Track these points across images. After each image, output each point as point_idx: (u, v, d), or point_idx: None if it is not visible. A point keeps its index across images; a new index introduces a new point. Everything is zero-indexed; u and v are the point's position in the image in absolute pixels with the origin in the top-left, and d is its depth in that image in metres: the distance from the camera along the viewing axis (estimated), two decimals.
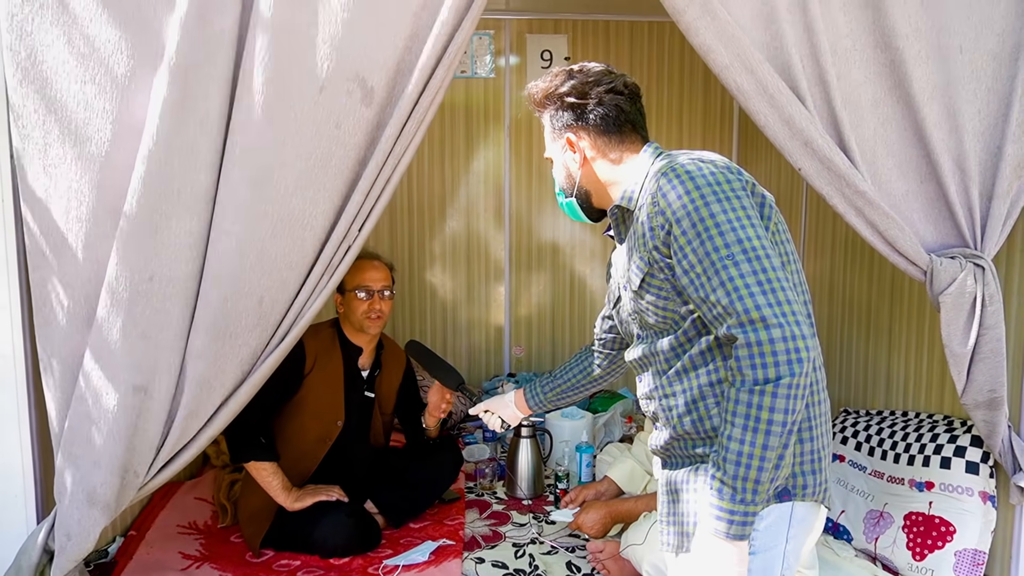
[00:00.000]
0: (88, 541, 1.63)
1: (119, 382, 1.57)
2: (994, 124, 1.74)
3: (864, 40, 1.70)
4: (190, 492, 2.69)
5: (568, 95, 1.39)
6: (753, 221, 1.19)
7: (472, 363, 3.93)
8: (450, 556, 2.25)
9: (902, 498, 2.21)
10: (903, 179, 1.77)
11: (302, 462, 2.37)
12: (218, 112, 1.54)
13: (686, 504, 1.29)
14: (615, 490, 2.43)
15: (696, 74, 3.86)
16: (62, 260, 1.57)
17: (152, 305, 1.57)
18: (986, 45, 1.70)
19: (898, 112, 1.75)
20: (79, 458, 1.60)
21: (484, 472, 2.86)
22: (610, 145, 1.40)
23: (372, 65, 1.59)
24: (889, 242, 1.75)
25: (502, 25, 3.74)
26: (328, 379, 2.38)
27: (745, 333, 1.13)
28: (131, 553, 2.22)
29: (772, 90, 1.65)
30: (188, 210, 1.55)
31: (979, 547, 2.03)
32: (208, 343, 1.61)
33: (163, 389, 1.61)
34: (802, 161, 1.70)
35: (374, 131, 1.64)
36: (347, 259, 1.69)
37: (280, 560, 2.26)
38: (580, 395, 1.83)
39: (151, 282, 1.56)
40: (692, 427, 1.29)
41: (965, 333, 1.78)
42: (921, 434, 2.26)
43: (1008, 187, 1.74)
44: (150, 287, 1.56)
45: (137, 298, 1.56)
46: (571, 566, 2.26)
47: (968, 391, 1.85)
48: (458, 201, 3.87)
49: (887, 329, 2.62)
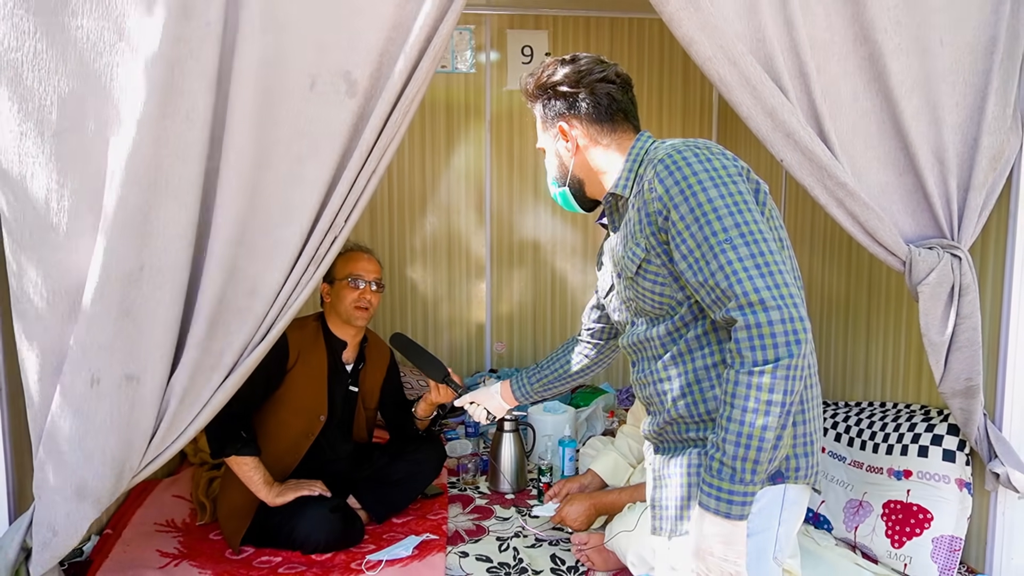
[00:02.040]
0: (76, 536, 1.61)
1: (110, 373, 1.56)
2: (970, 116, 1.77)
3: (843, 34, 1.72)
4: (167, 490, 2.64)
5: (560, 84, 1.41)
6: (750, 206, 1.20)
7: (454, 359, 3.92)
8: (434, 550, 2.24)
9: (881, 487, 2.24)
10: (882, 171, 1.79)
11: (284, 457, 2.34)
12: (204, 105, 1.53)
13: (679, 488, 1.30)
14: (599, 483, 2.43)
15: (675, 70, 3.89)
16: (42, 251, 1.54)
17: (143, 294, 1.56)
18: (964, 38, 1.73)
19: (877, 105, 1.78)
20: (66, 452, 1.58)
21: (466, 467, 2.85)
22: (602, 133, 1.41)
23: (356, 57, 1.59)
24: (869, 233, 1.77)
25: (483, 20, 3.73)
26: (311, 373, 2.36)
27: (744, 315, 1.14)
28: (107, 551, 2.18)
29: (754, 81, 1.66)
30: (176, 200, 1.54)
31: (956, 533, 2.07)
32: (202, 332, 1.61)
33: (156, 378, 1.60)
34: (784, 152, 1.72)
35: (358, 122, 1.64)
36: (333, 249, 1.69)
37: (261, 556, 2.23)
38: (567, 386, 1.83)
39: (141, 272, 1.55)
40: (686, 410, 1.30)
41: (943, 322, 1.81)
42: (899, 423, 2.30)
43: (984, 178, 1.78)
44: (140, 276, 1.55)
45: (128, 288, 1.54)
46: (555, 559, 2.26)
47: (946, 380, 1.88)
48: (439, 197, 3.85)
49: (864, 321, 2.66)
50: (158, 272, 1.56)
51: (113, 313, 1.54)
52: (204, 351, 1.63)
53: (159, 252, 1.55)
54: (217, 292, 1.61)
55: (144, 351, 1.58)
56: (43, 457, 1.59)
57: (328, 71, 1.58)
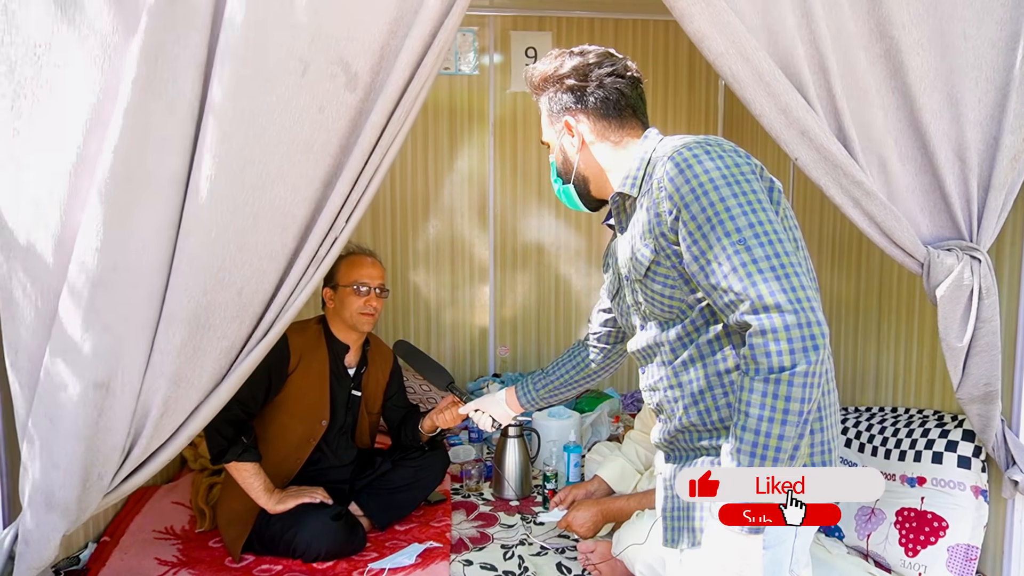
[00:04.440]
0: (47, 548, 1.54)
1: (79, 378, 1.48)
2: (991, 114, 1.72)
3: (862, 27, 1.68)
4: (166, 496, 2.60)
5: (568, 77, 1.35)
6: (764, 205, 1.15)
7: (457, 364, 3.88)
8: (437, 558, 2.19)
9: (893, 494, 2.19)
10: (901, 170, 1.75)
11: (285, 462, 2.30)
12: (190, 95, 1.45)
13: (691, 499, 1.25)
14: (605, 489, 2.39)
15: (680, 71, 3.86)
16: (29, 253, 1.48)
17: (116, 296, 1.47)
18: (987, 33, 1.68)
19: (894, 102, 1.73)
20: (37, 459, 1.52)
21: (470, 473, 2.81)
22: (610, 129, 1.36)
23: (356, 48, 1.52)
24: (886, 234, 1.72)
25: (486, 22, 3.70)
26: (313, 377, 2.32)
27: (760, 320, 1.09)
28: (104, 559, 2.14)
29: (768, 78, 1.62)
30: (156, 196, 1.46)
31: (972, 542, 2.02)
32: (185, 337, 1.52)
33: (127, 386, 1.51)
34: (799, 151, 1.67)
35: (357, 118, 1.58)
36: (333, 251, 1.64)
37: (261, 565, 2.18)
38: (573, 391, 1.78)
39: (115, 272, 1.46)
40: (698, 418, 1.25)
41: (962, 327, 1.76)
42: (912, 429, 2.25)
43: (1005, 178, 1.73)
44: (114, 277, 1.46)
45: (100, 289, 1.46)
46: (561, 567, 2.21)
47: (964, 385, 1.83)
48: (442, 200, 3.82)
49: (875, 325, 2.61)
50: (134, 272, 1.47)
51: (83, 317, 1.46)
52: (186, 358, 1.54)
53: (136, 251, 1.46)
54: (205, 294, 1.52)
55: (114, 357, 1.49)
56: (24, 466, 1.53)
57: (326, 62, 1.50)
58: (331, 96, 1.53)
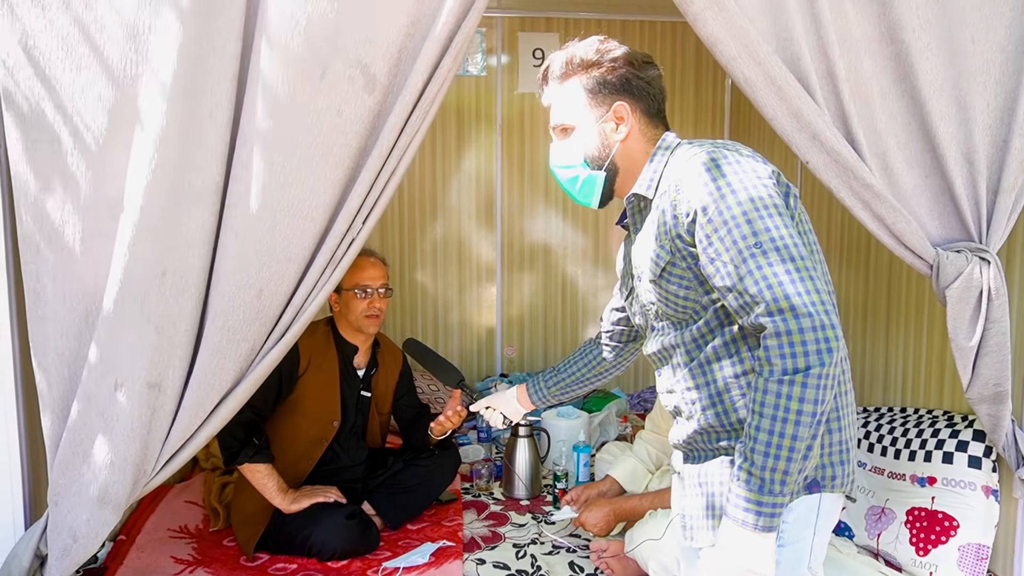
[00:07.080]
0: (96, 541, 1.59)
1: (133, 379, 1.53)
2: (1000, 118, 1.74)
3: (871, 32, 1.69)
4: (180, 495, 2.62)
5: (628, 61, 1.33)
6: (780, 210, 1.17)
7: (464, 364, 3.89)
8: (451, 557, 2.21)
9: (904, 494, 2.21)
10: (909, 173, 1.76)
11: (298, 464, 2.32)
12: (228, 103, 1.50)
13: (710, 497, 1.27)
14: (617, 489, 2.40)
15: (687, 73, 3.87)
16: (59, 255, 1.52)
17: (165, 300, 1.52)
18: (995, 36, 1.70)
19: (903, 106, 1.74)
20: (89, 458, 1.55)
21: (480, 473, 2.82)
22: (649, 127, 1.37)
23: (374, 50, 1.54)
24: (896, 235, 1.74)
25: (493, 23, 3.72)
26: (324, 379, 2.33)
27: (774, 322, 1.11)
28: (122, 558, 2.16)
29: (780, 82, 1.63)
30: (199, 202, 1.52)
31: (983, 541, 2.03)
32: (215, 339, 1.57)
33: (175, 385, 1.57)
34: (810, 154, 1.69)
35: (376, 120, 1.60)
36: (351, 252, 1.65)
37: (276, 564, 2.20)
38: (585, 389, 1.79)
39: (164, 276, 1.52)
40: (716, 420, 1.26)
41: (971, 327, 1.78)
42: (922, 429, 2.26)
43: (1014, 181, 1.74)
44: (163, 281, 1.52)
45: (150, 294, 1.51)
46: (574, 566, 2.23)
47: (973, 385, 1.85)
48: (449, 201, 3.83)
49: (884, 325, 2.62)
50: (181, 276, 1.53)
51: (135, 320, 1.51)
52: (218, 356, 1.59)
53: (182, 256, 1.52)
54: (228, 296, 1.56)
55: (165, 358, 1.55)
56: (63, 463, 1.56)
57: (344, 64, 1.52)
58: (350, 99, 1.55)
